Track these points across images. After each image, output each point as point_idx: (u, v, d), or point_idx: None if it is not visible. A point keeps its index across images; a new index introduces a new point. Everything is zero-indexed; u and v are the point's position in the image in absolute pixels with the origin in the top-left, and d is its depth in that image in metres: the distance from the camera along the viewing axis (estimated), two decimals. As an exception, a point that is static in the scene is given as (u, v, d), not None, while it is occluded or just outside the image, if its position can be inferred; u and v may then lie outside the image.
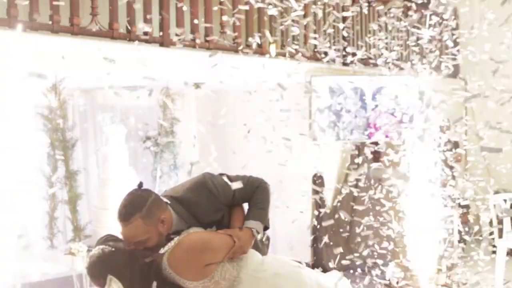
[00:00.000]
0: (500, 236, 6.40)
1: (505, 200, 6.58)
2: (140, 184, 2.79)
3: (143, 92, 6.44)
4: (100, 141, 6.70)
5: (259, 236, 2.85)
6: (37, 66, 4.50)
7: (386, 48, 5.38)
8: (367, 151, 5.11)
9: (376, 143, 6.17)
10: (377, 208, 5.26)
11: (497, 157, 5.57)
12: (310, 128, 6.82)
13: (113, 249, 2.63)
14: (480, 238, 6.51)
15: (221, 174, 2.95)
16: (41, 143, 5.55)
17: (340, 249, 4.27)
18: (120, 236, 2.71)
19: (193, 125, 6.94)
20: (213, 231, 2.81)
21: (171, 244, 2.62)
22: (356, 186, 5.49)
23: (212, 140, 6.11)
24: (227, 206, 2.91)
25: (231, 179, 2.91)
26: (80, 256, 5.53)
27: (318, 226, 6.32)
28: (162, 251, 2.61)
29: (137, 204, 2.64)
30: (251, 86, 5.15)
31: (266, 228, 2.95)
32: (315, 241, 6.59)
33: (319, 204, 6.67)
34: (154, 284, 2.51)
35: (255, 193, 2.92)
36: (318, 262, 6.69)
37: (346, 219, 4.76)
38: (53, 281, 6.00)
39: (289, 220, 4.05)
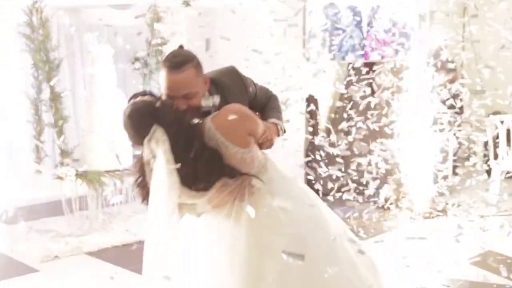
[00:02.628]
0: (496, 158, 6.35)
1: (501, 122, 6.49)
2: (181, 46, 2.72)
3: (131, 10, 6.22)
4: (86, 61, 6.47)
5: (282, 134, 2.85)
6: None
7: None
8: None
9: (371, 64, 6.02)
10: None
11: (494, 77, 5.41)
12: (304, 48, 6.63)
13: (159, 101, 2.49)
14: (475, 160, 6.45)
15: None
16: (24, 63, 5.36)
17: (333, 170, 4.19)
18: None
19: (184, 44, 6.70)
20: None
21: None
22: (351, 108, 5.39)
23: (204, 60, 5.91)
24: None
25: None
26: (68, 180, 5.44)
27: (311, 147, 6.25)
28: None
29: (188, 55, 2.58)
30: (242, 4, 4.92)
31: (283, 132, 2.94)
32: (309, 162, 6.51)
33: (312, 125, 6.57)
34: (196, 144, 2.40)
35: (270, 100, 2.92)
36: (311, 184, 6.63)
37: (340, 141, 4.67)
38: (42, 205, 5.95)
39: (281, 141, 3.93)
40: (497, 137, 6.43)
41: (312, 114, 6.75)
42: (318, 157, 5.07)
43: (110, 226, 5.81)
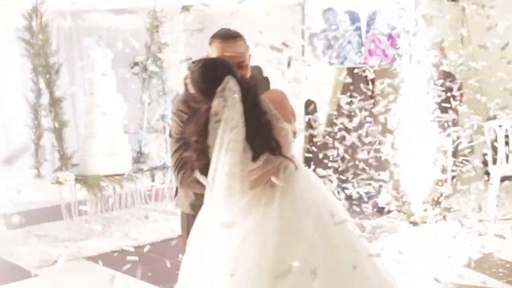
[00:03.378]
0: (494, 163, 6.34)
1: (500, 126, 6.48)
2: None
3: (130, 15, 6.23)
4: (86, 66, 6.47)
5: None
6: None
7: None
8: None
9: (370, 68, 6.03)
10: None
11: (491, 81, 5.42)
12: (303, 53, 6.64)
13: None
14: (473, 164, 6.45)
15: None
16: (23, 68, 5.35)
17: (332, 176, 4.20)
18: None
19: (182, 49, 6.71)
20: None
21: None
22: (348, 116, 5.39)
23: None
24: None
25: None
26: (67, 185, 5.43)
27: (310, 153, 6.24)
28: None
29: (237, 31, 2.79)
30: (241, 9, 4.93)
31: None
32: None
33: (311, 130, 6.57)
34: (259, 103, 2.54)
35: None
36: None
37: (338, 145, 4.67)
38: (41, 210, 5.94)
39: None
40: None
41: (311, 119, 6.75)
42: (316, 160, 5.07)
43: (109, 231, 5.80)
